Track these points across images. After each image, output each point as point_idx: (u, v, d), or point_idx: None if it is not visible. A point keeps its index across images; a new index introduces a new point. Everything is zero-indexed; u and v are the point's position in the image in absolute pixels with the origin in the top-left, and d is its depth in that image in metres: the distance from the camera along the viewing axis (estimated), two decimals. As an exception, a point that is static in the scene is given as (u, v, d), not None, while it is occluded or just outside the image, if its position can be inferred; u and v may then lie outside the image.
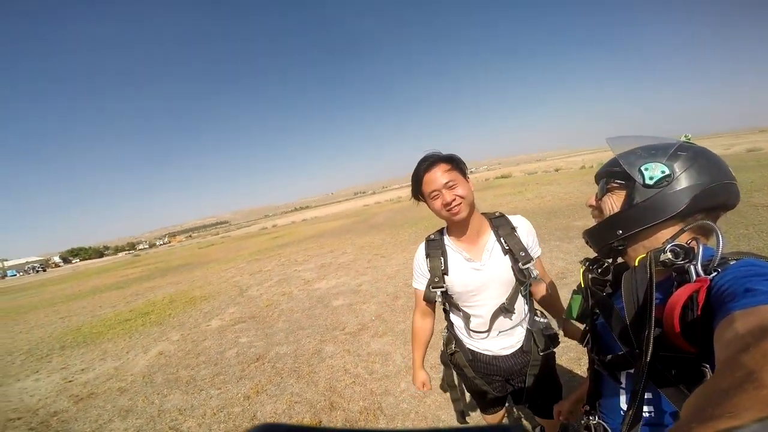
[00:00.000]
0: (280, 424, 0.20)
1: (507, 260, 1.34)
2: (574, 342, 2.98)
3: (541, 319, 1.50)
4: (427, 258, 1.45)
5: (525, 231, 1.40)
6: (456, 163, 1.31)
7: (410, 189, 1.43)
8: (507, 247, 1.34)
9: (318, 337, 4.44)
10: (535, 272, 1.32)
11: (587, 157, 54.26)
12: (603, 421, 0.93)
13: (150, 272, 18.77)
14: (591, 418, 0.97)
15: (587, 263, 0.97)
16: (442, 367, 1.66)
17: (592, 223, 0.94)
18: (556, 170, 31.75)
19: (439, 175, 1.27)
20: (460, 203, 1.26)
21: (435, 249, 1.44)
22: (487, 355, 1.46)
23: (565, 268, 5.17)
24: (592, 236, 0.90)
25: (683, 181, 0.74)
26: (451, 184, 1.26)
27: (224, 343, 4.98)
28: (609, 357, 0.84)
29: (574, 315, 1.02)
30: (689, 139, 0.84)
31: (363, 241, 11.83)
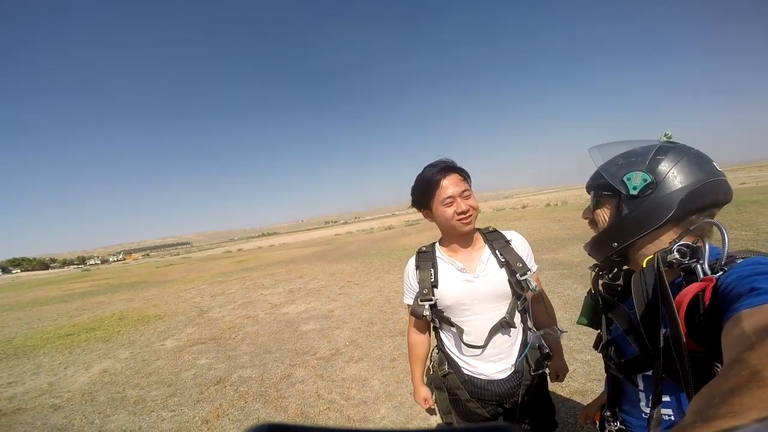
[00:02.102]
0: (279, 424, 0.19)
1: (503, 272, 1.29)
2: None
3: (536, 339, 1.40)
4: (416, 270, 1.39)
5: (520, 244, 1.37)
6: (467, 176, 1.31)
7: (413, 197, 1.38)
8: (503, 260, 1.30)
9: (287, 362, 4.12)
10: (533, 284, 1.26)
11: (552, 195, 56.79)
12: (624, 425, 0.92)
13: (100, 288, 17.42)
14: (613, 423, 0.95)
15: (597, 269, 0.97)
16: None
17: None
18: (523, 207, 32.92)
19: (456, 182, 1.25)
20: (473, 215, 1.26)
21: (426, 261, 1.38)
22: (481, 379, 1.35)
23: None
24: (592, 249, 0.92)
25: (668, 186, 0.74)
26: (467, 194, 1.26)
27: (180, 363, 4.55)
28: (623, 360, 0.84)
29: (586, 321, 1.02)
30: (669, 138, 0.83)
31: (335, 269, 11.51)
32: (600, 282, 0.96)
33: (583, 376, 2.86)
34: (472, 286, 1.29)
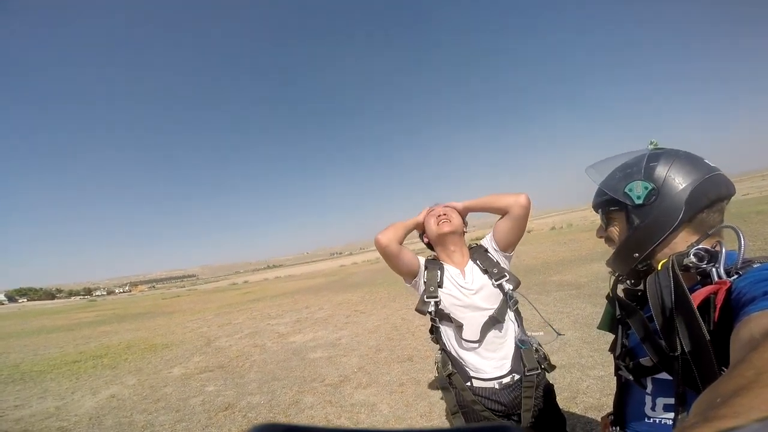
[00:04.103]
0: (279, 424, 0.20)
1: (486, 278, 1.49)
2: (567, 382, 2.88)
3: (532, 339, 1.51)
4: (425, 270, 1.55)
5: (490, 247, 1.59)
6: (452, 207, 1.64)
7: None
8: (483, 267, 1.51)
9: (295, 388, 4.09)
10: (508, 286, 1.44)
11: (557, 219, 55.97)
12: (624, 429, 0.91)
13: (106, 317, 17.36)
14: (613, 428, 0.95)
15: (617, 275, 0.98)
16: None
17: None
18: (528, 231, 32.66)
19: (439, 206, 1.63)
20: (449, 219, 1.54)
21: (433, 263, 1.58)
22: (486, 388, 1.41)
23: (547, 317, 5.21)
24: (615, 264, 0.93)
25: (670, 190, 0.77)
26: (446, 209, 1.59)
27: (188, 390, 4.52)
28: (635, 362, 0.84)
29: (607, 326, 1.01)
30: (656, 145, 0.87)
31: (341, 298, 11.42)
32: (621, 287, 0.96)
33: (598, 391, 2.84)
34: (466, 290, 1.46)
